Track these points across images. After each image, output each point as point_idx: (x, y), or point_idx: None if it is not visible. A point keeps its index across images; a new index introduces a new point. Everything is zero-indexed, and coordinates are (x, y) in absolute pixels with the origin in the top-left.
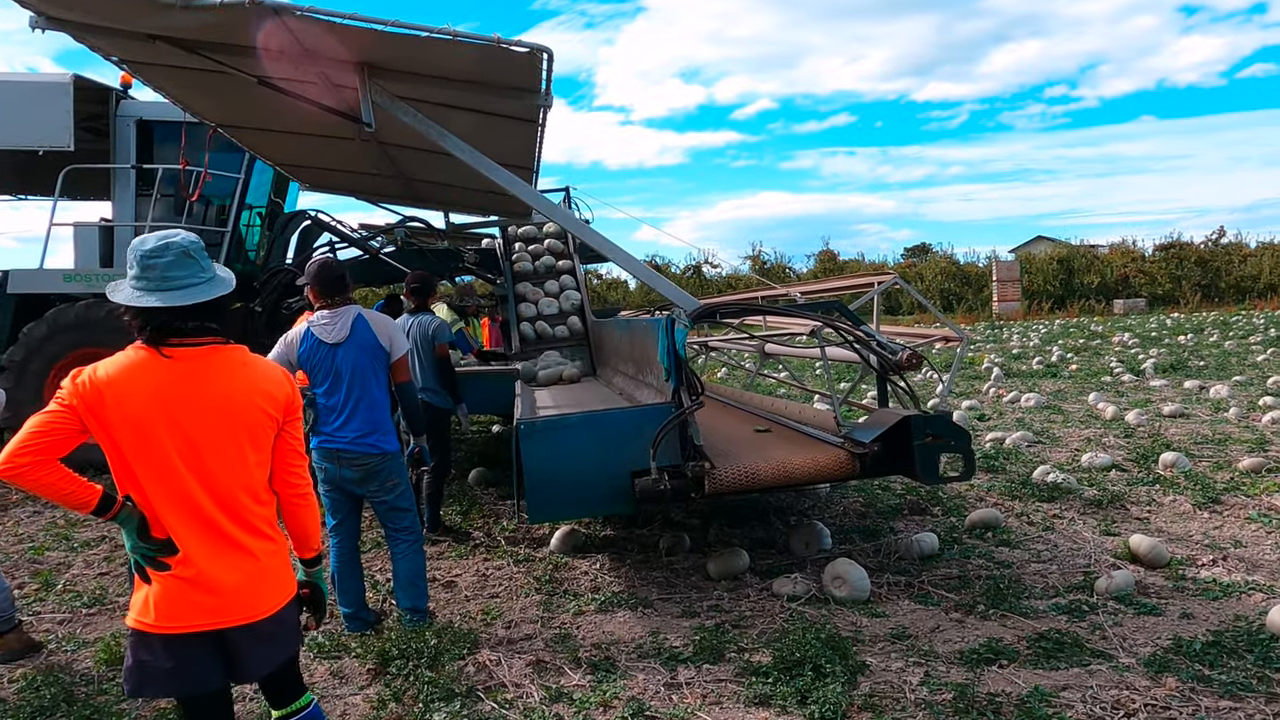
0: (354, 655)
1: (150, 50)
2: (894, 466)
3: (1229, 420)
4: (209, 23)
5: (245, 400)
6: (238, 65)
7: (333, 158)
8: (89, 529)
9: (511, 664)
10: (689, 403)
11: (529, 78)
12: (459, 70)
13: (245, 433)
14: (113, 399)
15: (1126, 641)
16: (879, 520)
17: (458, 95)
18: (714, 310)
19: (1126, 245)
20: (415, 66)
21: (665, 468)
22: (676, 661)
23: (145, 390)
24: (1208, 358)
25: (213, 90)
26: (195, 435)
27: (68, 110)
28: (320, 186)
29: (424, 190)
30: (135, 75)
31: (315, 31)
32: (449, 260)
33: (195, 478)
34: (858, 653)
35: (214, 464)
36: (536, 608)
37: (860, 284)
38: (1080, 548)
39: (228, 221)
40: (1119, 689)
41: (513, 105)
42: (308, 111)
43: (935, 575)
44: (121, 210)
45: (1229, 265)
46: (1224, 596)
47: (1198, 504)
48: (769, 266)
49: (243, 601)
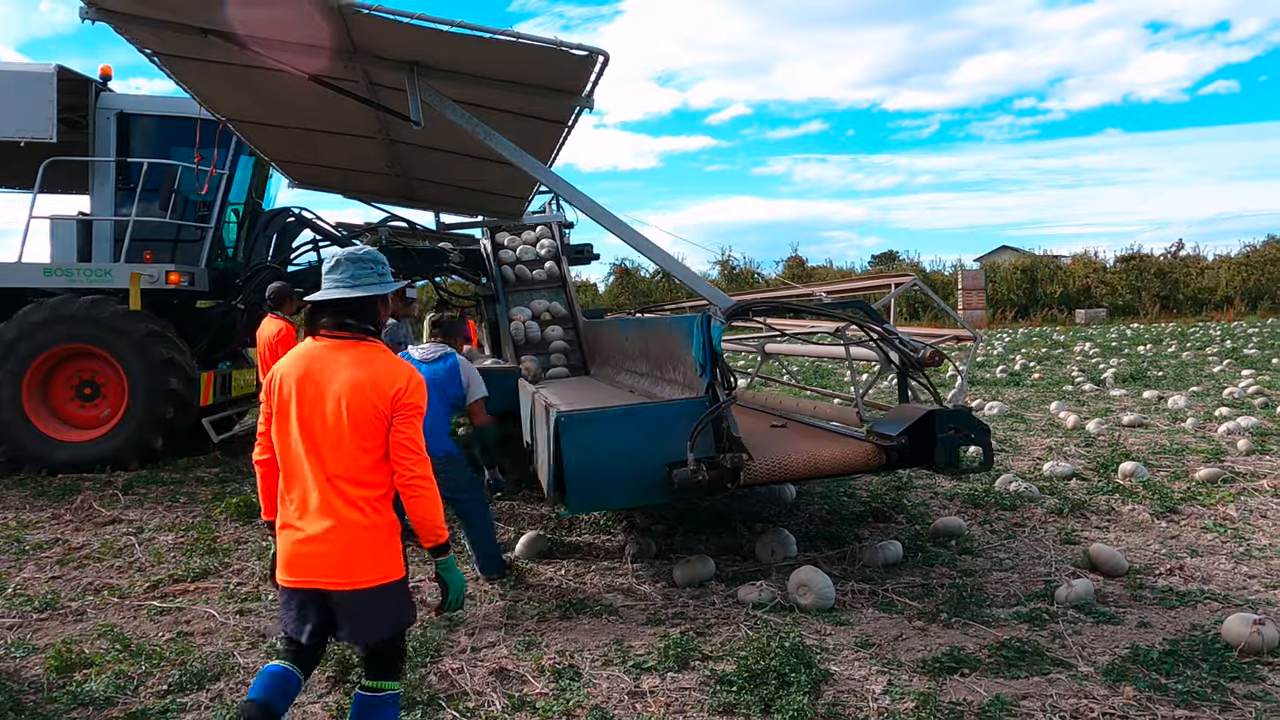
0: None
1: (191, 44)
2: (917, 459)
3: (1186, 430)
4: (273, 18)
5: (356, 390)
6: (289, 62)
7: (337, 155)
8: (40, 531)
9: (474, 672)
10: (724, 397)
11: (576, 80)
12: (506, 71)
13: (350, 418)
14: (279, 379)
15: (1086, 650)
16: (844, 527)
17: (497, 95)
18: (747, 308)
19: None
20: (463, 66)
21: (701, 459)
22: (640, 670)
23: (295, 372)
24: (1166, 368)
25: (233, 85)
26: (313, 414)
27: (51, 101)
28: (313, 184)
29: (422, 189)
30: (164, 68)
31: (373, 31)
32: (434, 260)
33: (308, 451)
34: (822, 661)
35: (322, 441)
36: (500, 615)
37: (879, 285)
38: (1041, 556)
39: (210, 218)
40: (1078, 698)
41: (548, 106)
42: (325, 109)
43: (899, 583)
44: (100, 204)
45: (1187, 277)
46: (1180, 605)
47: (1156, 513)
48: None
49: (333, 567)
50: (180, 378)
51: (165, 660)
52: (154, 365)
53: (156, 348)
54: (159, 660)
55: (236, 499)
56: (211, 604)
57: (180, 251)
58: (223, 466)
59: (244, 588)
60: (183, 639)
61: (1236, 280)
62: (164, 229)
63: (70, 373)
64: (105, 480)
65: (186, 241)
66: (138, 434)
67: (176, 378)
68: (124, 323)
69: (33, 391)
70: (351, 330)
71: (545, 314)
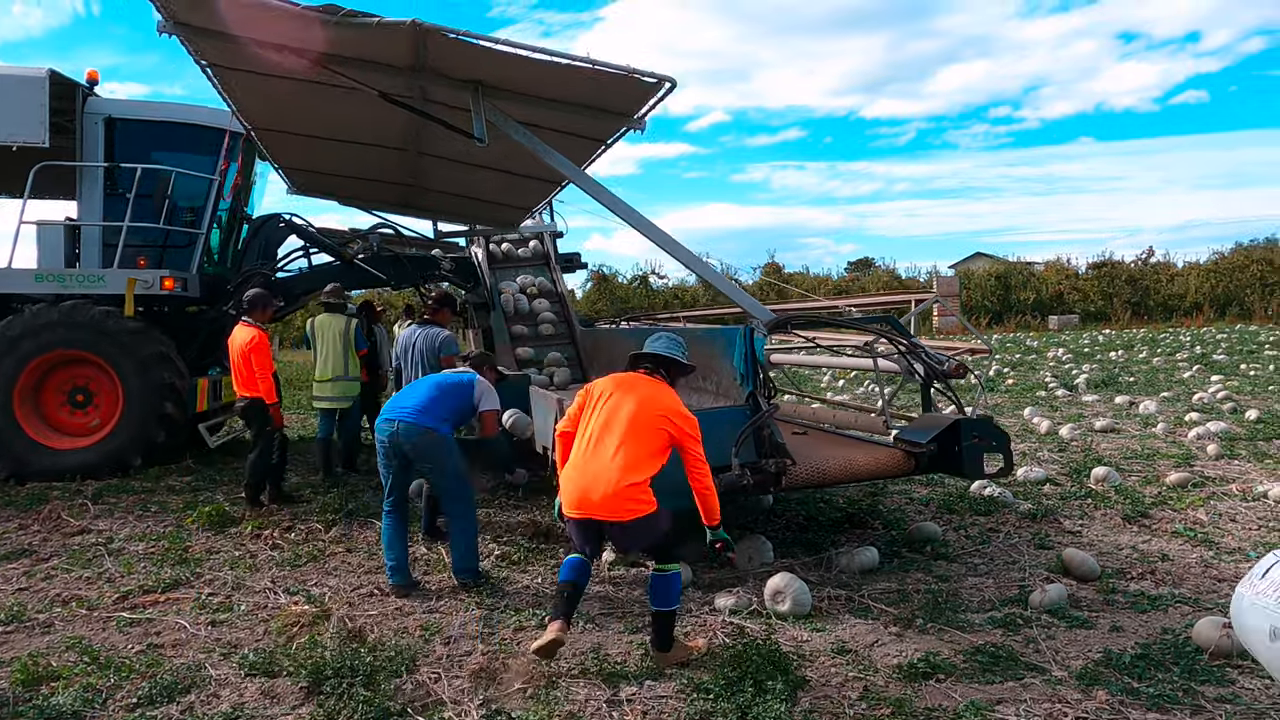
0: (287, 674)
1: (254, 58)
2: (943, 464)
3: (1157, 435)
4: (355, 38)
5: (647, 408)
6: (361, 78)
7: (349, 164)
8: (7, 542)
9: (450, 681)
10: (766, 406)
11: (631, 102)
12: (564, 92)
13: (631, 422)
14: (596, 386)
15: (1059, 655)
16: (821, 534)
17: (545, 114)
18: (786, 321)
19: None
20: (523, 87)
21: (746, 464)
22: (618, 678)
23: (612, 383)
24: (1137, 374)
25: (270, 95)
26: (613, 413)
27: (43, 105)
28: (312, 191)
29: (428, 198)
30: (214, 78)
31: (445, 51)
32: (425, 267)
33: (600, 433)
34: (798, 668)
35: (613, 429)
36: (477, 623)
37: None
38: (1015, 561)
39: (200, 224)
40: (1051, 702)
41: (596, 125)
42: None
43: (875, 589)
44: (88, 210)
45: (1157, 284)
46: (1152, 609)
47: (1127, 518)
48: None
49: (604, 508)
50: (175, 385)
51: (134, 673)
52: (150, 372)
53: (153, 355)
54: (128, 673)
55: (209, 508)
56: (182, 615)
57: (168, 257)
58: (195, 475)
59: (216, 598)
60: (153, 651)
61: (1205, 287)
62: (151, 234)
63: (62, 379)
64: (74, 489)
65: (174, 247)
66: (131, 441)
67: (172, 385)
68: (119, 329)
69: (24, 398)
70: (655, 373)
71: (532, 288)
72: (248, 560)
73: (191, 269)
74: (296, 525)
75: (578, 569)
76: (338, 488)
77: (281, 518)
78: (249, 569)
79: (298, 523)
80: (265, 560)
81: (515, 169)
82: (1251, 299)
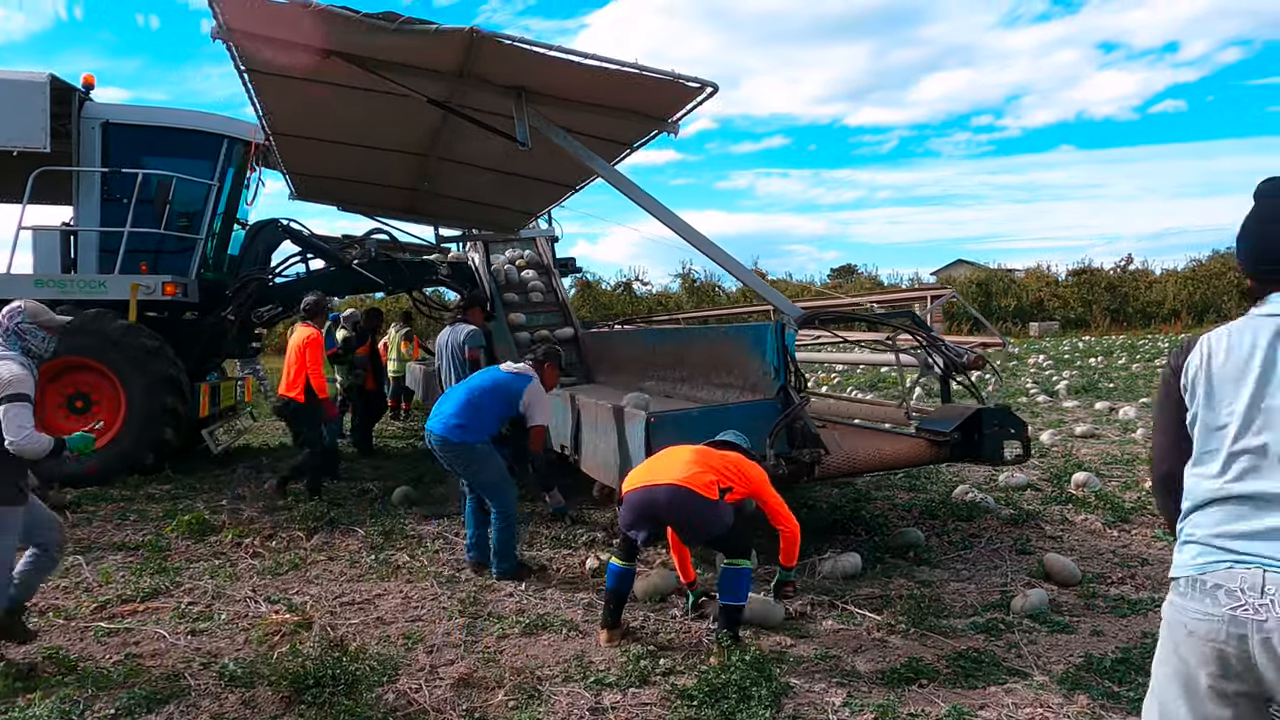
0: (267, 684)
1: (292, 63)
2: (964, 452)
3: (1136, 440)
4: (406, 45)
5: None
6: (408, 83)
7: (359, 169)
8: None
9: (433, 690)
10: (797, 398)
11: (668, 107)
12: (604, 96)
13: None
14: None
15: (1041, 659)
16: (804, 540)
17: (584, 118)
18: (815, 316)
19: (1042, 270)
20: (564, 92)
21: (780, 454)
22: (601, 685)
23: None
24: (1117, 379)
25: (300, 101)
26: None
27: (44, 110)
28: (314, 196)
29: (434, 203)
30: (250, 83)
31: (494, 58)
32: (423, 272)
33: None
34: (782, 674)
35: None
36: (460, 631)
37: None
38: (997, 566)
39: (199, 229)
40: (1033, 707)
41: (628, 128)
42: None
43: (859, 595)
44: (85, 215)
45: (1136, 291)
46: (1132, 614)
47: (1107, 522)
48: (699, 284)
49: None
50: (177, 392)
51: (112, 683)
52: (152, 379)
53: (156, 362)
54: (106, 683)
55: (189, 516)
56: (162, 624)
57: (167, 262)
58: (174, 483)
59: (195, 607)
60: (131, 661)
61: (1183, 294)
62: (149, 240)
63: (62, 385)
64: (52, 498)
65: (169, 253)
66: (133, 448)
67: (174, 392)
68: (124, 336)
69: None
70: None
71: (520, 260)
72: (228, 569)
73: (190, 274)
74: (278, 533)
75: (621, 578)
76: (319, 495)
77: (263, 525)
78: (229, 578)
79: (279, 530)
80: (246, 569)
81: (528, 173)
82: (1228, 305)
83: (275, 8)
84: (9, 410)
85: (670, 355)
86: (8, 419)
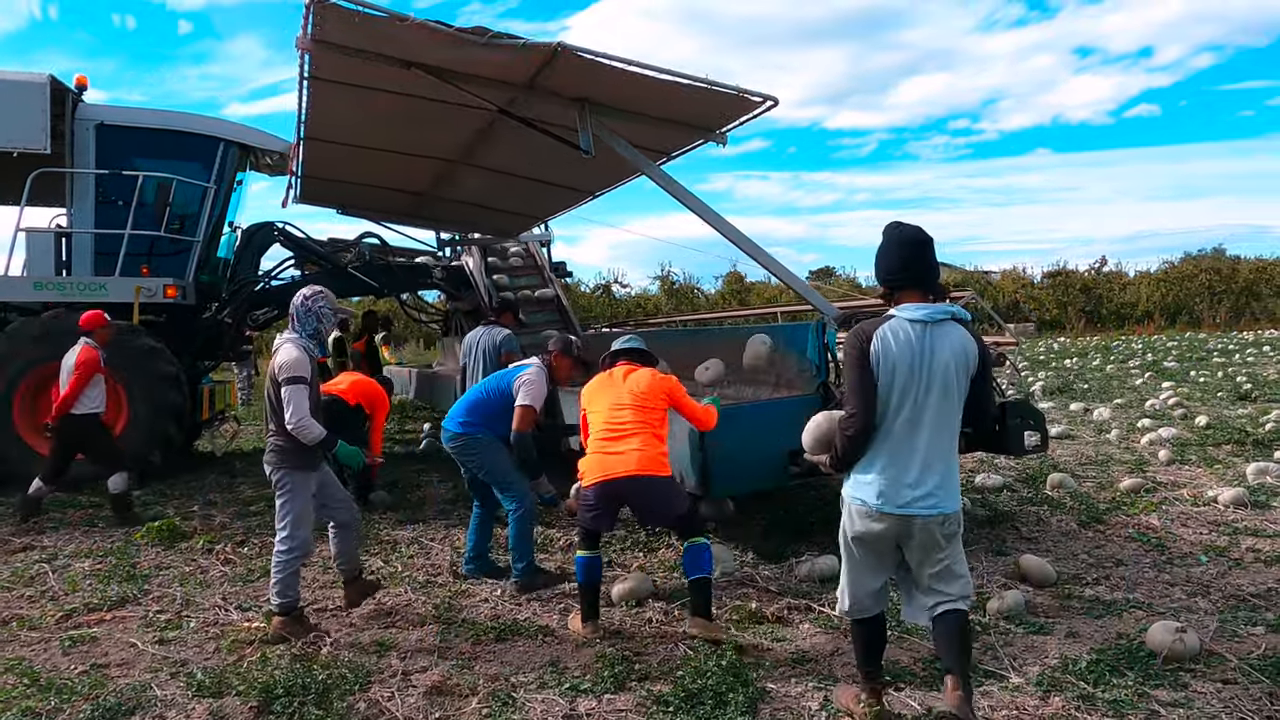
0: (236, 694)
1: (363, 73)
2: (987, 443)
3: (1110, 441)
4: (487, 57)
5: (648, 390)
6: (481, 94)
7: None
8: None
9: (405, 699)
10: (837, 395)
11: (720, 118)
12: (662, 108)
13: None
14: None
15: (1017, 661)
16: (782, 542)
17: (634, 127)
18: (851, 316)
19: (1018, 272)
20: (629, 104)
21: None
22: (576, 692)
23: (598, 383)
24: (1091, 380)
25: (346, 107)
26: (622, 396)
27: (44, 111)
28: (318, 200)
29: (440, 208)
30: (309, 88)
31: (565, 70)
32: (419, 276)
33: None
34: (759, 679)
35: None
36: (434, 638)
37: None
38: (974, 567)
39: (196, 231)
40: (1010, 710)
41: (675, 137)
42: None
43: (835, 597)
44: (80, 217)
45: (1110, 292)
46: (1107, 615)
47: (1082, 523)
48: (678, 287)
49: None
50: (179, 389)
51: (77, 695)
52: (153, 378)
53: (155, 361)
54: (70, 695)
55: (159, 522)
56: (129, 633)
57: (161, 265)
58: (145, 489)
59: (164, 616)
60: (97, 671)
61: (1156, 296)
62: (145, 242)
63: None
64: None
65: (166, 255)
66: (140, 450)
67: (176, 389)
68: (125, 338)
69: (24, 408)
70: (637, 361)
71: (514, 258)
72: (198, 576)
73: (188, 277)
74: (250, 539)
75: (591, 567)
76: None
77: (235, 531)
78: (199, 585)
79: (251, 536)
80: (217, 576)
81: (554, 179)
82: (1200, 307)
83: (376, 22)
84: (288, 392)
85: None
86: (287, 400)
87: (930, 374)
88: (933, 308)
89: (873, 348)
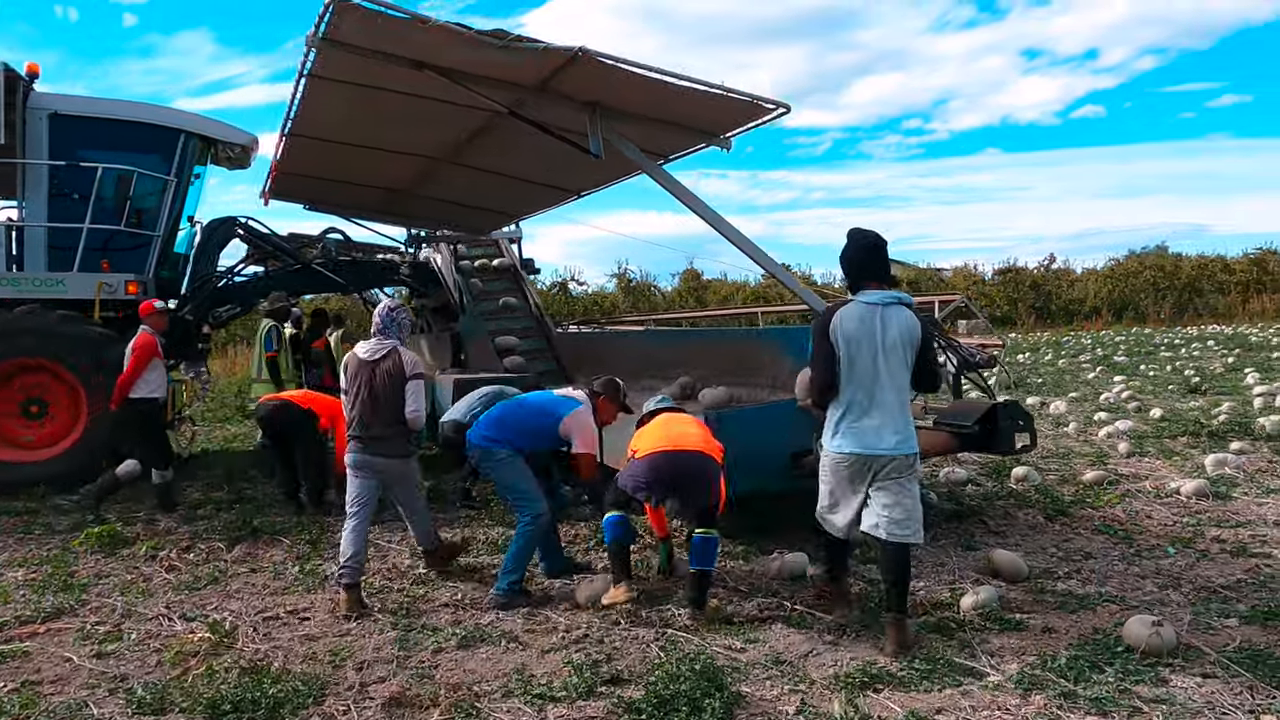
0: (179, 710)
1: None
2: (980, 443)
3: (1069, 435)
4: (501, 59)
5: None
6: (490, 95)
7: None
8: None
9: (362, 712)
10: None
11: (725, 124)
12: (676, 112)
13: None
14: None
15: (994, 658)
16: (750, 540)
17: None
18: None
19: (969, 269)
20: (639, 108)
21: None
22: (544, 700)
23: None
24: (1045, 375)
25: (339, 105)
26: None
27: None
28: (288, 196)
29: (412, 204)
30: (307, 85)
31: (579, 74)
32: (385, 272)
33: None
34: (734, 683)
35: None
36: (392, 645)
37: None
38: (945, 564)
39: (156, 226)
40: (991, 709)
41: (677, 141)
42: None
43: (807, 596)
44: (33, 210)
45: (1059, 289)
46: (1081, 609)
47: (1049, 516)
48: (634, 284)
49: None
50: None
51: (6, 715)
52: (111, 370)
53: (110, 350)
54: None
55: (99, 528)
56: (65, 647)
57: (120, 260)
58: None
59: (103, 627)
60: (29, 689)
61: (1103, 292)
62: (103, 236)
63: (13, 391)
64: None
65: (124, 250)
66: (98, 453)
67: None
68: (61, 326)
69: None
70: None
71: (482, 259)
72: (140, 584)
73: (148, 273)
74: (196, 545)
75: (623, 525)
76: (242, 503)
77: (180, 537)
78: (142, 594)
79: (198, 542)
80: (160, 584)
81: (538, 179)
82: (1145, 303)
83: (394, 23)
84: (416, 386)
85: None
86: (415, 393)
87: (883, 345)
88: (884, 294)
89: (833, 324)
